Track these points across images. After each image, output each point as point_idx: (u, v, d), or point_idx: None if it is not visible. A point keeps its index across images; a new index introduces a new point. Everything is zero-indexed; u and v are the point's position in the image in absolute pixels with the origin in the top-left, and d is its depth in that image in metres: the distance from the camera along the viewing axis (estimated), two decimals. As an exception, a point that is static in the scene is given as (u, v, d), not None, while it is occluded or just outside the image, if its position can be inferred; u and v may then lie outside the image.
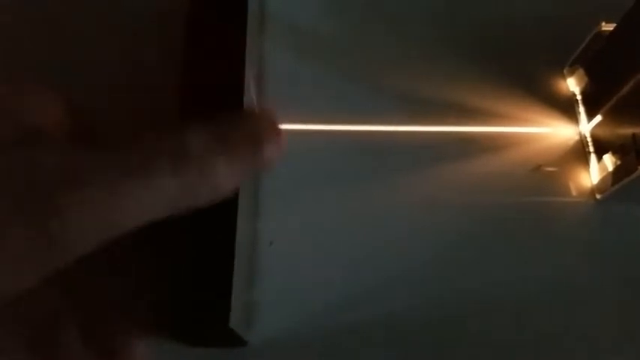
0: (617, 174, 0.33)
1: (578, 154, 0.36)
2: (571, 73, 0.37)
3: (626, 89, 0.33)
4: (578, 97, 0.37)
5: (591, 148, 0.36)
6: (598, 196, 0.35)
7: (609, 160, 0.34)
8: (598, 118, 0.35)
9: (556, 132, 0.36)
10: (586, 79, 0.36)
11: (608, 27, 0.34)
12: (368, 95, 0.36)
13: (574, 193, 0.35)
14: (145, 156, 0.20)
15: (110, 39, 0.39)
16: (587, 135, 0.36)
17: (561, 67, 0.38)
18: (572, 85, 0.37)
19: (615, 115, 0.34)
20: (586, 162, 0.36)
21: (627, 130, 0.33)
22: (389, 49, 0.37)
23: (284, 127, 0.36)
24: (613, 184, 0.33)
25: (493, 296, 0.33)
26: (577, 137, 0.36)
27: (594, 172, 0.35)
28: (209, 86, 0.33)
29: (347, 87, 0.36)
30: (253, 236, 0.33)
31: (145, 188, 0.20)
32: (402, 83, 0.36)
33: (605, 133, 0.35)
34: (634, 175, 0.32)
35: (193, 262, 0.29)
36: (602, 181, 0.34)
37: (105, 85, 0.38)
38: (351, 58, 0.37)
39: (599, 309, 0.33)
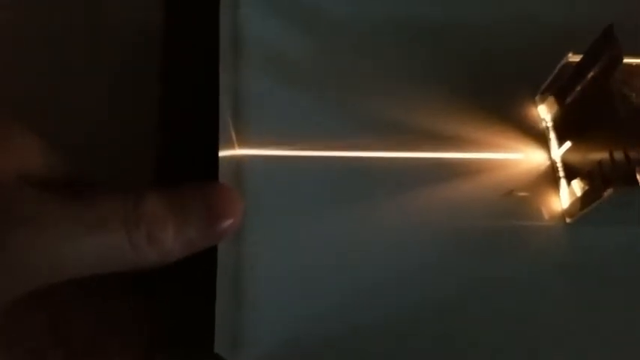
0: (585, 199, 0.35)
1: (549, 179, 0.37)
2: (542, 101, 0.39)
3: (591, 117, 0.35)
4: (549, 124, 0.38)
5: (562, 174, 0.37)
6: (568, 220, 0.36)
7: (577, 186, 0.35)
8: (567, 144, 0.37)
9: (528, 158, 0.38)
10: (556, 106, 0.38)
11: (575, 58, 0.36)
12: (345, 122, 0.37)
13: (545, 216, 0.36)
14: (99, 214, 0.22)
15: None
16: (558, 161, 0.37)
17: (533, 95, 0.39)
18: (544, 112, 0.39)
19: (583, 142, 0.36)
20: (557, 187, 0.37)
21: (594, 157, 0.34)
22: (365, 77, 0.39)
23: (263, 152, 0.37)
24: (582, 208, 0.35)
25: (469, 315, 0.34)
26: (548, 163, 0.37)
27: (564, 197, 0.36)
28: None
29: (325, 113, 0.37)
30: (236, 259, 0.34)
31: (95, 243, 0.21)
32: (378, 111, 0.37)
33: (575, 159, 0.36)
34: (600, 201, 0.33)
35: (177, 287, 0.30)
36: (572, 205, 0.36)
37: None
38: (327, 86, 0.38)
39: (570, 328, 0.34)
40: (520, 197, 0.36)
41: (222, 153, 0.34)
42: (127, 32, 0.44)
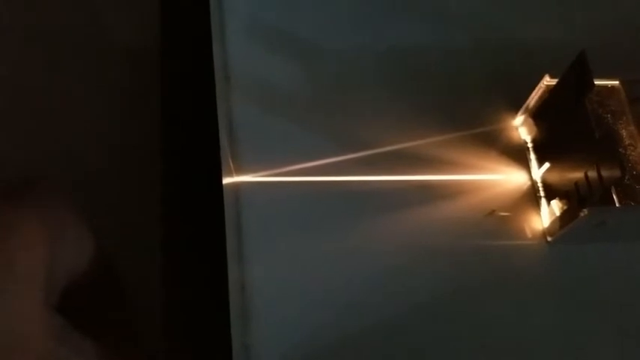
0: (564, 218, 0.36)
1: (531, 199, 0.38)
2: (522, 123, 0.40)
3: (568, 138, 0.36)
4: (529, 145, 0.39)
5: (542, 194, 0.38)
6: (549, 239, 0.37)
7: (556, 206, 0.36)
8: (546, 165, 0.38)
9: (509, 178, 0.39)
10: (535, 128, 0.39)
11: (552, 81, 0.37)
12: (331, 148, 0.38)
13: (527, 235, 0.37)
14: None
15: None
16: (539, 181, 0.38)
17: (513, 117, 0.40)
18: (524, 133, 0.40)
19: (561, 163, 0.37)
20: (538, 206, 0.38)
21: (571, 177, 0.35)
22: (350, 103, 0.40)
23: (258, 179, 0.38)
24: (561, 227, 0.36)
25: (452, 330, 0.35)
26: (529, 183, 0.39)
27: (545, 216, 0.37)
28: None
29: (312, 140, 0.38)
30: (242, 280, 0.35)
31: None
32: (363, 136, 0.38)
33: (554, 179, 0.37)
34: (577, 220, 0.34)
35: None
36: (552, 224, 0.37)
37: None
38: (314, 113, 0.39)
39: (551, 343, 0.35)
40: (502, 217, 0.38)
41: (225, 181, 0.36)
42: (124, 49, 0.45)
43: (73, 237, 0.29)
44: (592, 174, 0.34)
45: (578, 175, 0.35)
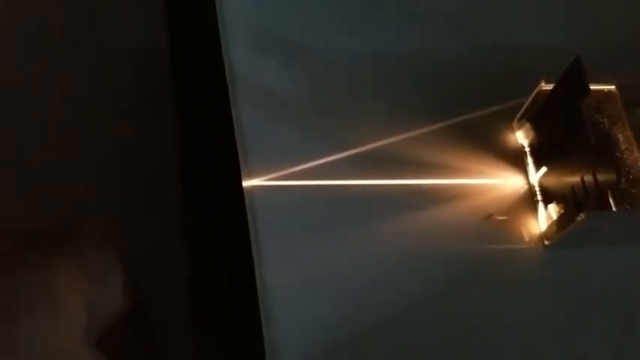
0: (561, 222, 0.36)
1: (528, 203, 0.38)
2: (519, 127, 0.40)
3: (564, 142, 0.36)
4: (527, 150, 0.40)
5: (539, 198, 0.38)
6: (546, 242, 0.37)
7: (554, 210, 0.37)
8: (543, 169, 0.38)
9: (507, 182, 0.39)
10: (532, 132, 0.39)
11: (548, 86, 0.37)
12: (331, 153, 0.38)
13: (525, 239, 0.38)
14: None
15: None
16: (536, 185, 0.39)
17: (511, 122, 0.41)
18: (521, 138, 0.40)
19: (557, 167, 0.37)
20: (535, 210, 0.38)
21: (568, 181, 0.36)
22: (350, 110, 0.40)
23: (270, 183, 0.38)
24: (558, 231, 0.36)
25: (451, 331, 0.35)
26: (526, 187, 0.39)
27: (542, 220, 0.38)
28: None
29: (313, 145, 0.39)
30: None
31: None
32: (361, 141, 0.39)
33: (551, 183, 0.38)
34: (574, 224, 0.34)
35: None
36: (549, 228, 0.37)
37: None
38: (316, 119, 0.40)
39: (549, 345, 0.35)
40: (500, 221, 0.38)
41: (244, 184, 0.37)
42: (132, 51, 0.45)
43: (112, 282, 0.31)
44: (588, 178, 0.34)
45: (574, 179, 0.35)
